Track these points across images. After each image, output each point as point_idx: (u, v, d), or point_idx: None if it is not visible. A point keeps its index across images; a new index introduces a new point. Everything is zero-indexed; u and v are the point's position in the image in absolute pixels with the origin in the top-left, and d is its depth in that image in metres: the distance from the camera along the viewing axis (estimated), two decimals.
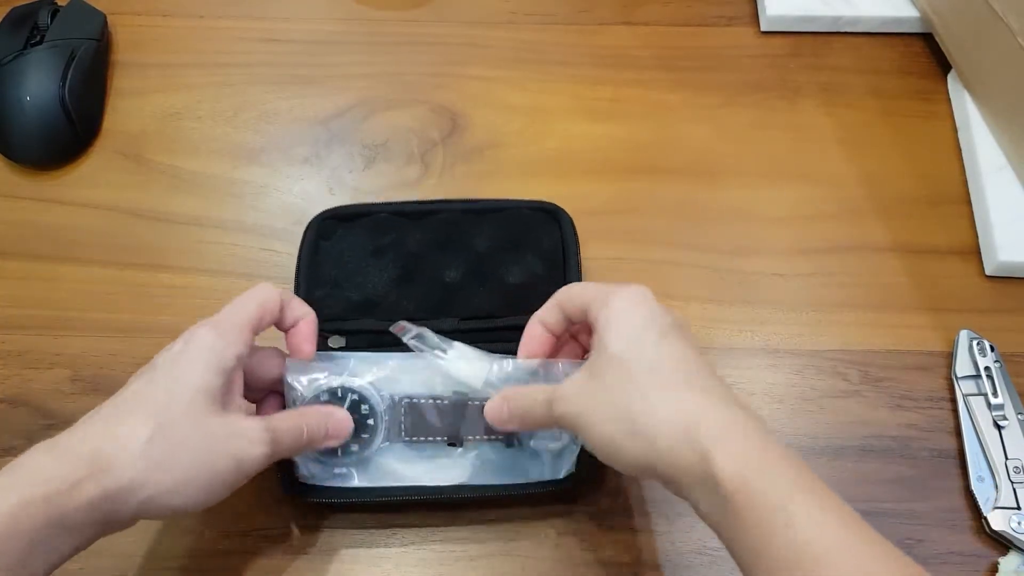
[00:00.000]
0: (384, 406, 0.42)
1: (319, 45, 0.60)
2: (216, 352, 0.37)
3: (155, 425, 0.35)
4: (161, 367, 0.37)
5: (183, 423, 0.35)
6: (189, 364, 0.37)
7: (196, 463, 0.36)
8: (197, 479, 0.36)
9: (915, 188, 0.55)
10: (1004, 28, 0.50)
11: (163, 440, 0.35)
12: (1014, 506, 0.44)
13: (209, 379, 0.37)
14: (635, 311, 0.37)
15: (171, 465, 0.35)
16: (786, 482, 0.32)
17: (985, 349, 0.48)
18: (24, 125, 0.54)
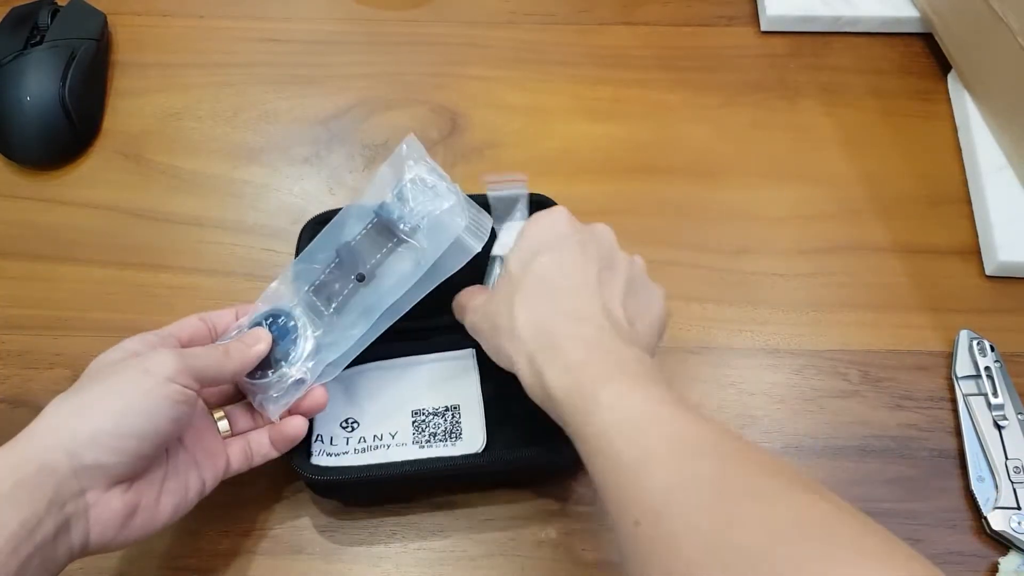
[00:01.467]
0: (293, 306, 0.43)
1: (319, 45, 0.60)
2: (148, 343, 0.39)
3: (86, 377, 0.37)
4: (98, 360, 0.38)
5: (101, 367, 0.37)
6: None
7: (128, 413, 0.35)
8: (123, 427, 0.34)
9: (915, 188, 0.55)
10: (1004, 28, 0.50)
11: (91, 382, 0.36)
12: (1014, 506, 0.44)
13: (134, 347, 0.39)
14: (539, 229, 0.39)
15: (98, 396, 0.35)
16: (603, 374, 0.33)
17: (985, 349, 0.48)
18: (24, 125, 0.54)
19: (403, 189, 0.42)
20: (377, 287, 0.42)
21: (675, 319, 0.50)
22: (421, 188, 0.42)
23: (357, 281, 0.43)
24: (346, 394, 0.45)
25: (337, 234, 0.44)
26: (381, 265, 0.42)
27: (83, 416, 0.34)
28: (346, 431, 0.44)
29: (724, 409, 0.48)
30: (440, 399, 0.45)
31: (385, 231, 0.43)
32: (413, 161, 0.43)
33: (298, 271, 0.44)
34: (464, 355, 0.46)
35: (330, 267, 0.43)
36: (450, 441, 0.44)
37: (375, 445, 0.44)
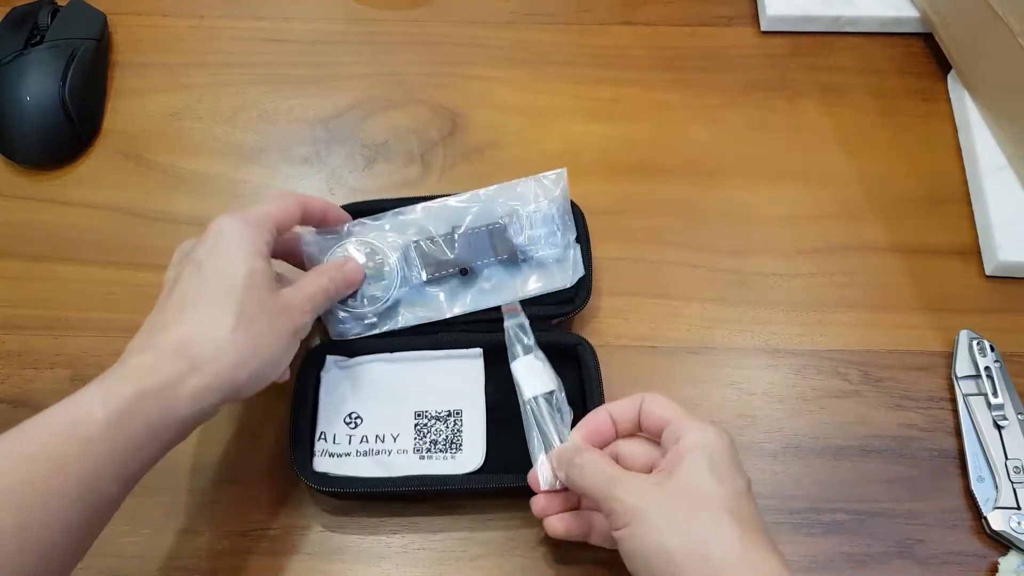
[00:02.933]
0: (395, 254, 0.46)
1: (319, 45, 0.60)
2: (249, 238, 0.40)
3: (233, 313, 0.37)
4: (206, 260, 0.39)
5: (251, 305, 0.38)
6: (232, 252, 0.39)
7: (271, 340, 0.39)
8: (274, 354, 0.39)
9: (915, 188, 0.55)
10: (1004, 28, 0.50)
11: (244, 326, 0.37)
12: (1014, 506, 0.44)
13: (253, 263, 0.39)
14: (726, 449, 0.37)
15: (255, 347, 0.38)
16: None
17: (985, 349, 0.48)
18: (24, 125, 0.54)
19: (534, 215, 0.48)
20: (471, 287, 0.47)
21: (675, 319, 0.51)
22: (549, 223, 0.47)
23: (460, 273, 0.47)
24: (351, 386, 0.46)
25: (454, 214, 0.48)
26: (486, 270, 0.47)
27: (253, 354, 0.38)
28: (349, 427, 0.45)
29: (724, 409, 0.48)
30: (444, 402, 0.45)
31: (502, 240, 0.47)
32: (559, 196, 0.48)
33: (407, 221, 0.48)
34: (472, 354, 0.46)
35: (442, 239, 0.47)
36: (450, 453, 0.44)
37: (376, 448, 0.44)
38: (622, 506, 0.36)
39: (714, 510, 0.35)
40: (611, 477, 0.38)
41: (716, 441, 0.37)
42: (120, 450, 0.34)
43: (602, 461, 0.39)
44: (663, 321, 0.50)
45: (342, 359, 0.46)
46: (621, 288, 0.51)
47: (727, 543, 0.34)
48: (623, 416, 0.41)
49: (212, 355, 0.37)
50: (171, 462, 0.41)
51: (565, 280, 0.47)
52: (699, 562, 0.34)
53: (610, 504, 0.37)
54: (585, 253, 0.49)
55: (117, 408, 0.34)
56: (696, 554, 0.34)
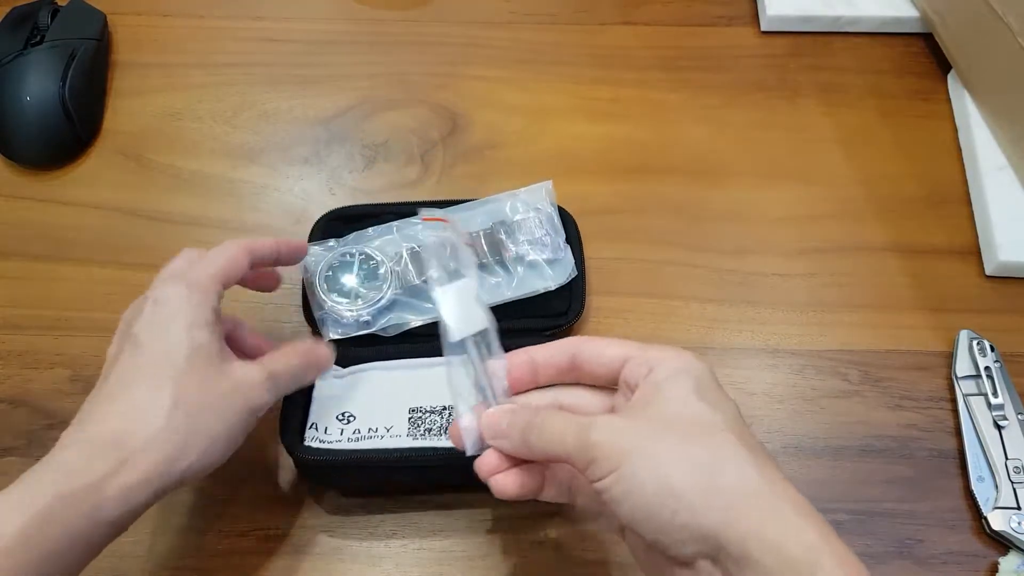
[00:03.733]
0: (389, 260, 0.47)
1: (319, 45, 0.60)
2: (192, 307, 0.36)
3: (171, 396, 0.34)
4: (144, 336, 0.36)
5: (193, 386, 0.35)
6: (172, 325, 0.36)
7: (217, 425, 0.35)
8: (219, 440, 0.35)
9: (915, 188, 0.55)
10: (1004, 28, 0.50)
11: (183, 410, 0.34)
12: (1014, 506, 0.44)
13: (197, 336, 0.36)
14: (704, 371, 0.33)
15: (197, 433, 0.35)
16: None
17: (985, 349, 0.48)
18: (24, 125, 0.54)
19: (523, 222, 0.49)
20: None
21: (675, 319, 0.50)
22: (539, 228, 0.48)
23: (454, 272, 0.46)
24: (346, 392, 0.45)
25: None
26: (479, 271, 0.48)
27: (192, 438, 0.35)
28: (341, 422, 0.44)
29: None
30: (439, 399, 0.45)
31: (493, 244, 0.48)
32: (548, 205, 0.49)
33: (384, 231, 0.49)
34: (467, 360, 0.46)
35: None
36: (444, 436, 0.44)
37: (369, 436, 0.44)
38: (606, 449, 0.30)
39: (717, 434, 0.30)
40: (581, 424, 0.31)
41: (697, 365, 0.33)
42: (37, 560, 0.31)
43: (563, 413, 0.33)
44: (663, 321, 0.50)
45: (337, 368, 0.46)
46: (621, 288, 0.51)
47: (740, 469, 0.29)
48: (548, 362, 0.35)
49: (145, 446, 0.33)
50: None
51: (558, 279, 0.48)
52: (711, 494, 0.28)
53: (590, 452, 0.30)
54: (577, 258, 0.49)
55: (34, 516, 0.31)
56: (706, 485, 0.29)
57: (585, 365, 0.35)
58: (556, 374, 0.36)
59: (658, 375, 0.32)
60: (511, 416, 0.34)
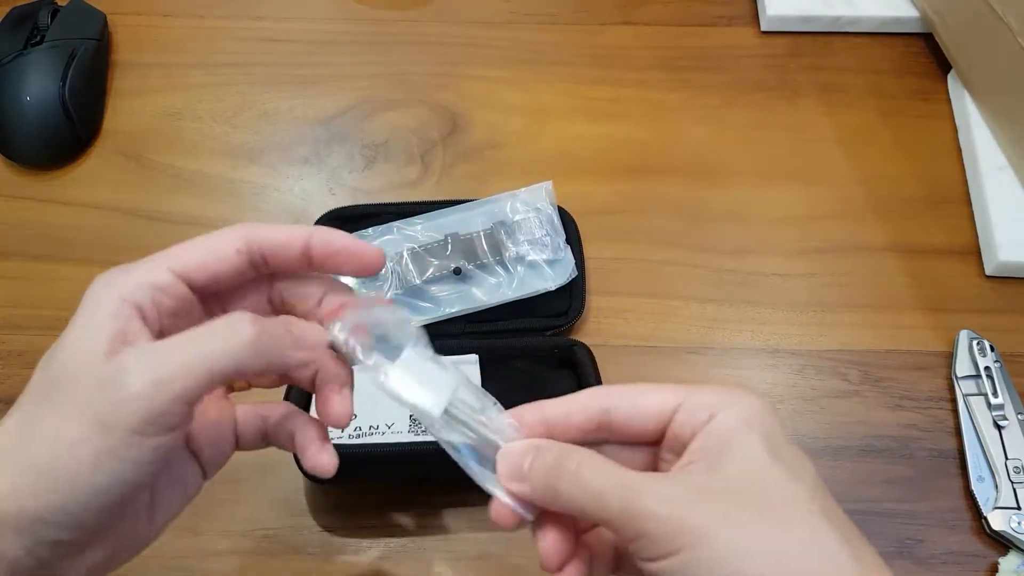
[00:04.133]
0: (389, 260, 0.47)
1: (319, 45, 0.60)
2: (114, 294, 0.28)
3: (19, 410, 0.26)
4: None
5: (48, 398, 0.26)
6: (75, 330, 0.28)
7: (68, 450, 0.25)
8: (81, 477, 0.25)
9: (915, 188, 0.55)
10: (1004, 28, 0.50)
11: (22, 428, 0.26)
12: (1014, 506, 0.44)
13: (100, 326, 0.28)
14: (772, 420, 0.27)
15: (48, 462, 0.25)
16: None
17: (985, 349, 0.48)
18: (24, 125, 0.54)
19: (523, 222, 0.49)
20: (465, 289, 0.47)
21: (675, 319, 0.50)
22: (539, 229, 0.49)
23: (454, 273, 0.48)
24: None
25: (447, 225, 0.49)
26: (479, 272, 0.48)
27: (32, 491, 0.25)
28: None
29: None
30: None
31: (493, 244, 0.48)
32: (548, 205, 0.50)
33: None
34: (467, 360, 0.46)
35: (435, 244, 0.48)
36: None
37: (370, 433, 0.44)
38: (665, 526, 0.24)
39: (802, 514, 0.24)
40: (629, 484, 0.25)
41: (766, 411, 0.27)
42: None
43: (604, 460, 0.26)
44: (663, 321, 0.50)
45: None
46: (620, 288, 0.51)
47: (834, 563, 0.24)
48: (568, 422, 0.28)
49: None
50: None
51: (558, 280, 0.48)
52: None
53: (640, 524, 0.25)
54: (577, 258, 0.49)
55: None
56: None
57: (620, 423, 0.28)
58: (579, 435, 0.28)
59: (722, 425, 0.26)
60: (536, 454, 0.27)
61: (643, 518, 0.24)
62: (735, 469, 0.25)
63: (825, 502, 0.25)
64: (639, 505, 0.25)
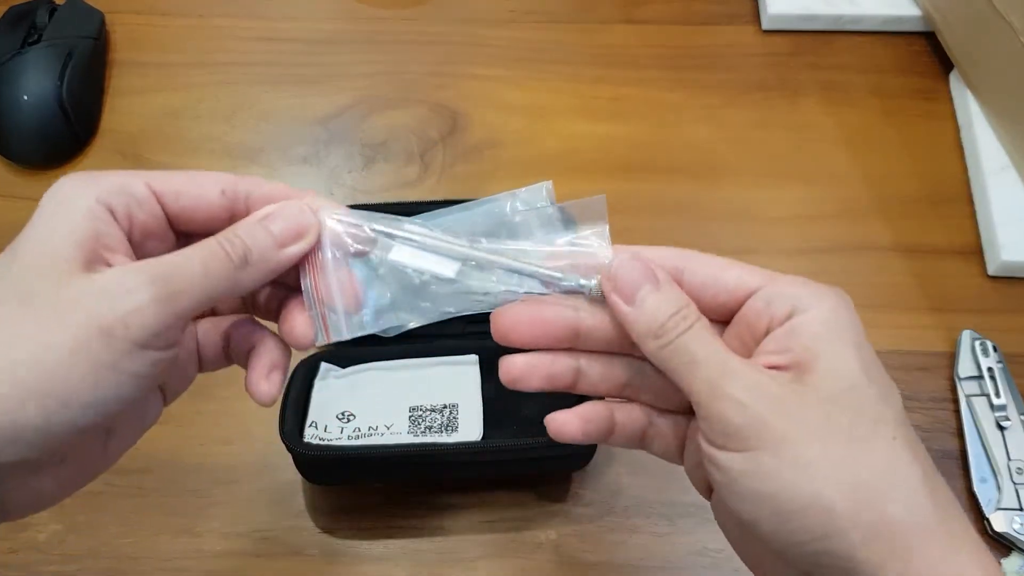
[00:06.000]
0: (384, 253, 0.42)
1: (319, 44, 0.60)
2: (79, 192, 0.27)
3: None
4: None
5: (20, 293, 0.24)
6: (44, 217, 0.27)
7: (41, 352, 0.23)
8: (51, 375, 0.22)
9: (917, 188, 0.55)
10: (1006, 27, 0.50)
11: None
12: (1016, 507, 0.44)
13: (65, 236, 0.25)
14: (854, 321, 0.26)
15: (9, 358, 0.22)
16: None
17: (988, 349, 0.48)
18: (22, 124, 0.54)
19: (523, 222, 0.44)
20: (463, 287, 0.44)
21: None
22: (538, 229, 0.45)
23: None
24: (346, 391, 0.45)
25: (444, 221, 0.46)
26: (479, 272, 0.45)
27: None
28: (341, 421, 0.44)
29: None
30: (440, 397, 0.45)
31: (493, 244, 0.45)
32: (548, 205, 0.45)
33: None
34: (467, 360, 0.46)
35: None
36: (446, 433, 0.44)
37: (369, 434, 0.43)
38: (745, 418, 0.23)
39: (887, 440, 0.24)
40: (723, 360, 0.24)
41: (853, 316, 0.25)
42: None
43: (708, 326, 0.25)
44: None
45: (336, 368, 0.46)
46: None
47: (913, 495, 0.23)
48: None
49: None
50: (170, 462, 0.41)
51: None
52: (875, 526, 0.22)
53: (720, 406, 0.24)
54: None
55: None
56: (871, 514, 0.22)
57: (693, 289, 0.27)
58: None
59: (808, 328, 0.24)
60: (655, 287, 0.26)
61: (727, 402, 0.23)
62: (827, 380, 0.24)
63: (908, 432, 0.24)
64: (728, 388, 0.23)
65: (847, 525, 0.22)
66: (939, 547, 0.23)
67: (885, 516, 0.22)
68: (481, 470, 0.44)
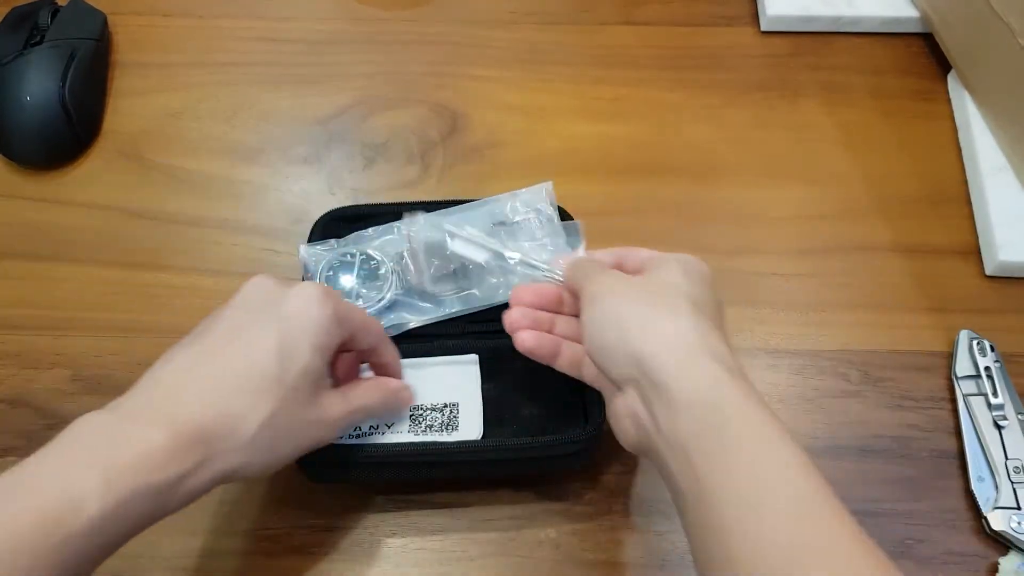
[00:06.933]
0: (390, 260, 0.48)
1: (319, 45, 0.60)
2: (325, 327, 0.36)
3: (270, 410, 0.34)
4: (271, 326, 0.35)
5: (288, 407, 0.35)
6: (301, 335, 0.35)
7: (288, 450, 0.36)
8: (282, 459, 0.36)
9: (915, 188, 0.55)
10: (1004, 28, 0.50)
11: (272, 426, 0.34)
12: (1014, 506, 0.44)
13: (315, 359, 0.36)
14: (700, 267, 0.38)
15: (272, 448, 0.35)
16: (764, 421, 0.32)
17: (985, 349, 0.48)
18: (24, 125, 0.54)
19: (524, 223, 0.49)
20: (466, 289, 0.47)
21: None
22: (540, 229, 0.49)
23: (453, 274, 0.47)
24: None
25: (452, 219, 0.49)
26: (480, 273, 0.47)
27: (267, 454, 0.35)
28: None
29: None
30: (440, 396, 0.45)
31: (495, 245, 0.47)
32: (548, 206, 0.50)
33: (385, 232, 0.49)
34: (467, 360, 0.46)
35: (436, 244, 0.48)
36: (446, 432, 0.44)
37: (370, 433, 0.44)
38: (592, 287, 0.37)
39: (676, 296, 0.35)
40: (592, 269, 0.39)
41: (694, 260, 0.38)
42: (100, 546, 0.31)
43: (594, 261, 0.41)
44: None
45: None
46: None
47: (680, 320, 0.34)
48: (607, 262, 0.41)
49: (226, 454, 0.33)
50: None
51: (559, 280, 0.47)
52: (648, 330, 0.34)
53: (585, 289, 0.38)
54: None
55: (115, 502, 0.30)
56: (648, 323, 0.34)
57: (626, 264, 0.40)
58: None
59: (658, 259, 0.38)
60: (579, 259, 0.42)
61: (594, 284, 0.37)
62: (650, 276, 0.38)
63: (702, 302, 0.36)
64: (589, 277, 0.38)
65: (632, 327, 0.35)
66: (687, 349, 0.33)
67: (657, 326, 0.34)
68: (481, 469, 0.44)
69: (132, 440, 0.32)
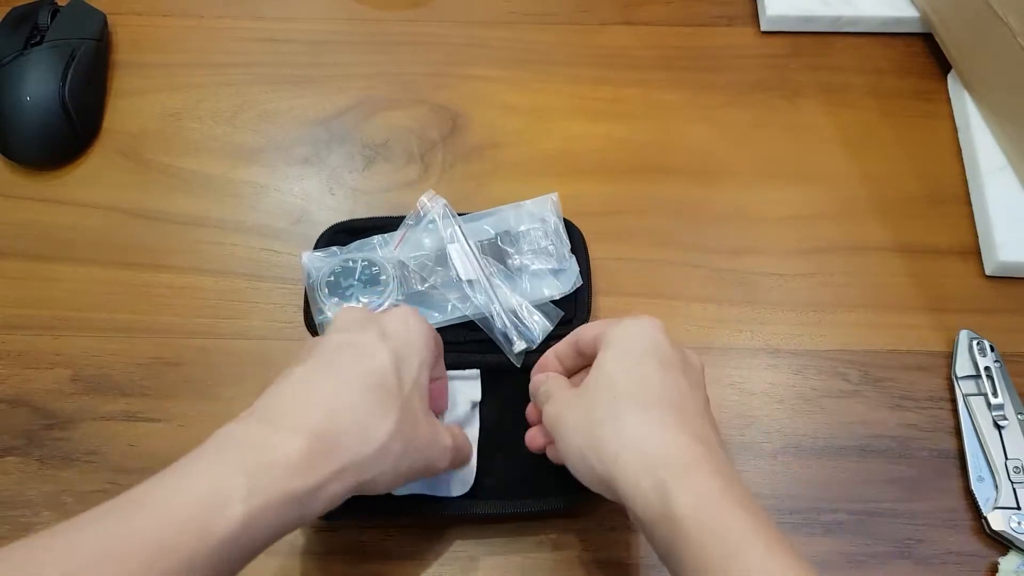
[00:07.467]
0: (392, 266, 0.48)
1: (319, 45, 0.60)
2: (431, 349, 0.38)
3: (395, 419, 0.35)
4: (381, 343, 0.36)
5: (409, 420, 0.35)
6: (412, 352, 0.37)
7: (412, 460, 0.36)
8: (408, 475, 0.36)
9: (915, 188, 0.55)
10: (1004, 28, 0.50)
11: (399, 435, 0.35)
12: (1014, 506, 0.44)
13: (424, 374, 0.37)
14: (639, 337, 0.37)
15: (399, 461, 0.35)
16: (742, 527, 0.31)
17: (985, 349, 0.48)
18: (24, 125, 0.54)
19: (528, 232, 0.49)
20: (467, 297, 0.47)
21: (675, 319, 0.50)
22: (544, 239, 0.49)
23: (455, 280, 0.48)
24: None
25: None
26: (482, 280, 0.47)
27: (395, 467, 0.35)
28: None
29: (724, 409, 0.48)
30: None
31: (497, 253, 0.49)
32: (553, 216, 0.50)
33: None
34: (469, 375, 0.46)
35: (436, 252, 0.48)
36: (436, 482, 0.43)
37: None
38: (550, 419, 0.37)
39: (614, 400, 0.35)
40: (547, 394, 0.39)
41: (637, 331, 0.37)
42: (242, 549, 0.31)
43: (551, 382, 0.40)
44: (663, 321, 0.50)
45: None
46: (621, 288, 0.51)
47: (627, 440, 0.33)
48: (564, 353, 0.41)
49: (359, 465, 0.33)
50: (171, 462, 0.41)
51: (563, 289, 0.48)
52: (605, 457, 0.34)
53: (545, 414, 0.38)
54: (583, 268, 0.49)
55: (260, 506, 0.30)
56: (603, 451, 0.34)
57: (580, 346, 0.40)
58: (573, 364, 0.41)
59: (603, 342, 0.37)
60: (540, 379, 0.41)
61: (546, 416, 0.38)
62: (591, 375, 0.37)
63: (644, 380, 0.35)
64: (553, 402, 0.38)
65: (589, 457, 0.34)
66: (627, 459, 0.33)
67: (600, 446, 0.34)
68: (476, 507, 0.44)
69: (274, 446, 0.32)
